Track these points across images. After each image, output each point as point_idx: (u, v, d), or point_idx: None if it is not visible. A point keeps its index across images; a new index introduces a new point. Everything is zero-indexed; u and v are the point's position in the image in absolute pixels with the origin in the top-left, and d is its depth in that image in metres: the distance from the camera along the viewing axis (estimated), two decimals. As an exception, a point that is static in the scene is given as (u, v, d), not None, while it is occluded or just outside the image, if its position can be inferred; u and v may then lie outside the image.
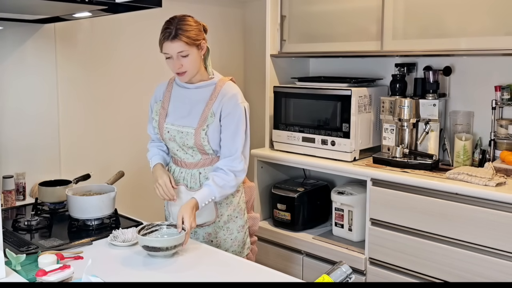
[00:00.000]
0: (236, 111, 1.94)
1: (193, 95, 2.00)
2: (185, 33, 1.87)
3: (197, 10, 3.34)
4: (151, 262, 1.69)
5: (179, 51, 1.88)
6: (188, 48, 1.88)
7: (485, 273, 2.17)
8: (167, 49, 1.90)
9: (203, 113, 1.95)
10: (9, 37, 2.50)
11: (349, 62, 3.16)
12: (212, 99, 1.96)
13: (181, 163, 2.04)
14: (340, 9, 2.82)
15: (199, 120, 1.95)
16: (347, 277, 1.29)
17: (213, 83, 2.00)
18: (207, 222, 2.03)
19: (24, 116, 2.60)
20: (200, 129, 1.93)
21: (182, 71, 1.92)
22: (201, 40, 1.93)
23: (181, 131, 1.97)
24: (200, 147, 1.96)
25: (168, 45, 1.89)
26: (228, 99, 1.94)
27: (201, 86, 2.00)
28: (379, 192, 2.49)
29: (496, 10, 2.30)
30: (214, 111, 1.94)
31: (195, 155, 2.00)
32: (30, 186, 2.60)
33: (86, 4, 1.74)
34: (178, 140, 1.99)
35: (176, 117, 2.01)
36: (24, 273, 1.56)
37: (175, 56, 1.90)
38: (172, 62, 1.92)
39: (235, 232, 2.07)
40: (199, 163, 2.00)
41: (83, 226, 2.07)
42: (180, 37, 1.86)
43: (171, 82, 2.11)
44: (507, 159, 2.41)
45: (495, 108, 2.51)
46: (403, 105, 2.63)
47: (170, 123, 2.01)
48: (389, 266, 2.49)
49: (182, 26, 1.88)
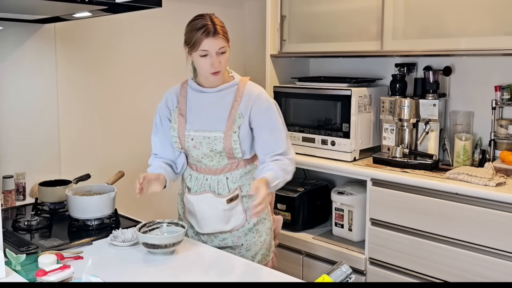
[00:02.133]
0: (269, 108, 1.91)
1: (215, 98, 1.92)
2: (224, 29, 1.85)
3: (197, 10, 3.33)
4: (151, 263, 1.69)
5: (220, 47, 1.83)
6: (226, 44, 1.86)
7: (485, 273, 2.17)
8: (207, 46, 1.81)
9: (230, 115, 1.87)
10: (9, 37, 2.50)
11: (349, 62, 3.16)
12: (237, 100, 1.89)
13: (207, 170, 1.94)
14: (340, 9, 2.82)
15: (227, 123, 1.86)
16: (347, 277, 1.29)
17: (234, 84, 1.93)
18: (236, 227, 1.95)
19: (24, 116, 2.59)
20: (230, 132, 1.86)
21: (218, 70, 1.85)
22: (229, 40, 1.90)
23: (208, 137, 1.88)
24: (230, 151, 1.88)
25: (210, 41, 1.81)
26: (256, 99, 1.89)
27: (223, 88, 1.92)
28: (379, 192, 2.49)
29: (496, 10, 2.30)
30: (241, 112, 1.87)
31: (222, 160, 1.91)
32: (30, 186, 2.60)
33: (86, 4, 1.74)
34: (205, 147, 1.89)
35: (200, 123, 1.91)
36: (24, 273, 1.56)
37: (214, 53, 1.82)
38: (208, 60, 1.83)
39: (264, 234, 2.00)
40: (225, 168, 1.92)
41: (83, 226, 2.07)
42: (221, 33, 1.83)
43: (184, 87, 2.01)
44: (507, 159, 2.41)
45: (495, 108, 2.51)
46: (403, 105, 2.63)
47: (193, 130, 1.91)
48: (389, 266, 2.49)
49: (218, 22, 1.85)
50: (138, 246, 1.81)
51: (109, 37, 2.90)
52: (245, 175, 1.95)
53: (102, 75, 2.90)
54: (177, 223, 1.85)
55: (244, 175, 1.95)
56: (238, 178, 1.94)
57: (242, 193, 1.94)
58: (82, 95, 2.82)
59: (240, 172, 1.94)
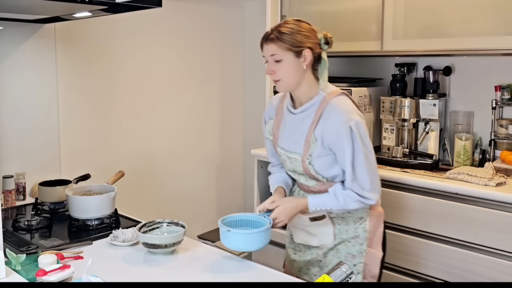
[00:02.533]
0: (341, 134, 1.67)
1: (299, 120, 1.79)
2: (282, 36, 1.68)
3: (197, 10, 3.34)
4: (151, 263, 1.69)
5: (271, 54, 1.71)
6: (281, 52, 1.69)
7: (485, 273, 2.17)
8: (264, 51, 1.74)
9: (306, 139, 1.74)
10: (9, 37, 2.50)
11: (349, 62, 3.16)
12: (314, 123, 1.73)
13: (300, 185, 1.89)
14: (340, 9, 2.82)
15: (304, 147, 1.75)
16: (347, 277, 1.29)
17: (317, 101, 1.75)
18: (324, 245, 1.85)
19: (24, 116, 2.59)
20: (305, 158, 1.75)
21: (275, 79, 1.74)
22: (303, 48, 1.71)
23: (290, 157, 1.81)
24: (310, 174, 1.78)
25: (264, 47, 1.73)
26: (330, 122, 1.70)
27: (304, 109, 1.78)
28: (379, 192, 2.49)
29: (496, 10, 2.31)
30: (316, 136, 1.72)
31: (309, 180, 1.82)
32: (30, 186, 2.60)
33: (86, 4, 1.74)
34: (289, 166, 1.84)
35: (285, 142, 1.83)
36: (24, 273, 1.56)
37: (270, 60, 1.73)
38: (267, 66, 1.75)
39: (342, 257, 1.82)
40: (315, 188, 1.82)
41: (83, 226, 2.07)
42: (274, 39, 1.69)
43: (283, 100, 1.90)
44: (507, 159, 2.41)
45: (495, 108, 2.51)
46: (403, 105, 2.63)
47: (280, 147, 1.86)
48: (389, 266, 2.48)
49: (282, 29, 1.70)
50: (138, 246, 1.81)
51: (109, 37, 2.90)
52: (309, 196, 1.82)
53: (102, 75, 2.90)
54: (177, 223, 1.85)
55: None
56: None
57: (332, 214, 1.81)
58: (82, 95, 2.82)
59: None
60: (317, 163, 1.73)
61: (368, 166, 1.72)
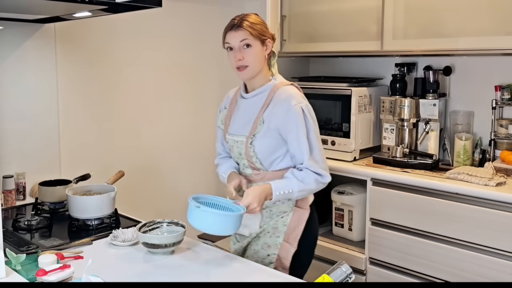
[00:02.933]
0: (290, 115, 1.78)
1: (249, 104, 1.90)
2: (251, 24, 1.82)
3: (197, 10, 3.34)
4: (151, 263, 1.69)
5: (241, 39, 1.80)
6: (252, 38, 1.81)
7: (485, 273, 2.17)
8: (230, 39, 1.82)
9: (255, 121, 1.84)
10: (9, 37, 2.50)
11: (349, 62, 3.16)
12: (264, 106, 1.84)
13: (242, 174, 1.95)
14: (340, 9, 2.82)
15: (251, 128, 1.84)
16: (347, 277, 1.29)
17: (268, 88, 1.87)
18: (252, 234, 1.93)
19: (24, 116, 2.59)
20: (249, 138, 1.83)
21: (243, 65, 1.82)
22: (266, 37, 1.85)
23: (236, 141, 1.89)
24: (249, 159, 1.86)
25: (231, 34, 1.82)
26: (280, 105, 1.81)
27: (256, 94, 1.89)
28: (379, 192, 2.49)
29: (496, 10, 2.30)
30: (264, 118, 1.82)
31: (246, 168, 1.90)
32: (30, 186, 2.60)
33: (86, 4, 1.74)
34: (235, 150, 1.91)
35: (234, 127, 1.93)
36: (24, 273, 1.56)
37: (237, 47, 1.81)
38: (232, 55, 1.83)
39: (259, 247, 1.92)
40: (250, 177, 1.90)
41: (83, 226, 2.07)
42: (244, 26, 1.81)
43: (238, 91, 2.01)
44: (507, 159, 2.41)
45: (495, 108, 2.51)
46: (403, 105, 2.63)
47: (229, 134, 1.94)
48: (389, 266, 2.49)
49: (248, 19, 1.84)
50: (138, 246, 1.81)
51: (109, 37, 2.90)
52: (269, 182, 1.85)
53: (102, 75, 2.90)
54: (177, 223, 1.86)
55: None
56: None
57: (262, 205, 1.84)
58: (82, 95, 2.82)
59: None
60: (259, 144, 1.81)
61: (320, 146, 1.85)
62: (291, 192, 1.79)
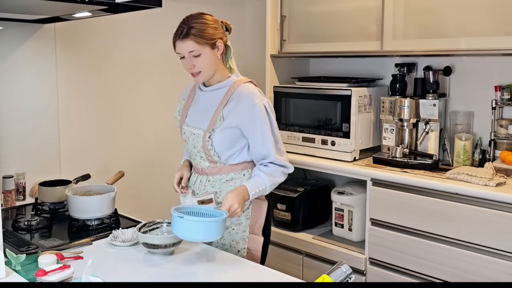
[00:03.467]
0: (255, 113, 1.84)
1: (208, 97, 1.94)
2: (197, 32, 1.81)
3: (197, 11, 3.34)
4: (151, 263, 1.69)
5: (190, 51, 1.82)
6: (199, 47, 1.82)
7: (485, 273, 2.17)
8: (179, 49, 1.85)
9: (213, 115, 1.88)
10: (9, 37, 2.50)
11: (349, 62, 3.16)
12: (224, 102, 1.88)
13: (194, 167, 2.02)
14: (340, 9, 2.82)
15: (209, 123, 1.88)
16: (347, 277, 1.29)
17: (228, 83, 1.92)
18: None
19: (24, 116, 2.59)
20: (207, 132, 1.87)
21: (195, 72, 1.86)
22: (216, 39, 1.86)
23: (194, 133, 1.93)
24: (207, 152, 1.90)
25: (179, 44, 1.83)
26: (243, 104, 1.85)
27: (217, 88, 1.93)
28: (379, 192, 2.49)
29: (496, 10, 2.31)
30: (224, 115, 1.86)
31: (203, 161, 1.94)
32: (30, 186, 2.60)
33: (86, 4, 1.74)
34: (191, 142, 1.96)
35: (192, 119, 1.97)
36: (24, 273, 1.56)
37: (187, 56, 1.84)
38: (185, 62, 1.86)
39: (227, 244, 1.95)
40: (207, 170, 1.94)
41: (83, 226, 2.07)
42: (190, 36, 1.80)
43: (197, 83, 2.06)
44: (507, 159, 2.41)
45: (495, 108, 2.51)
46: (403, 105, 2.63)
47: (186, 124, 1.98)
48: (389, 266, 2.49)
49: (194, 25, 1.82)
50: (138, 246, 1.81)
51: (109, 37, 2.90)
52: (226, 182, 1.92)
53: (102, 75, 2.90)
54: None
55: (225, 182, 1.92)
56: (218, 184, 1.93)
57: (218, 199, 1.93)
58: (82, 95, 2.82)
59: (221, 178, 1.92)
60: (217, 139, 1.86)
61: (280, 142, 1.93)
62: (264, 188, 1.86)
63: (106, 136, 2.94)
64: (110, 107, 2.94)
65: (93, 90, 2.86)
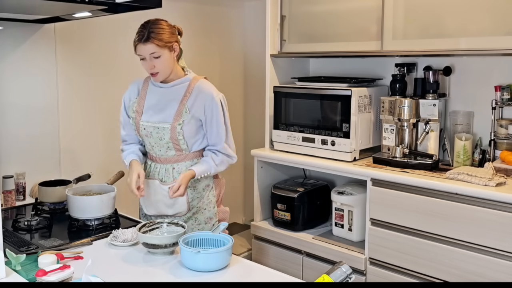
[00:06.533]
0: (213, 105, 2.08)
1: (168, 93, 2.12)
2: (157, 36, 1.99)
3: (197, 11, 3.35)
4: (151, 263, 1.69)
5: (151, 53, 2.00)
6: (159, 50, 2.00)
7: (485, 273, 2.17)
8: (140, 51, 2.02)
9: (178, 109, 2.07)
10: (9, 37, 2.50)
11: (349, 62, 3.17)
12: (186, 95, 2.09)
13: (156, 158, 2.15)
14: (340, 9, 2.82)
15: (174, 115, 2.06)
16: (347, 277, 1.29)
17: (187, 80, 2.12)
18: (179, 213, 2.15)
19: (24, 116, 2.60)
20: (175, 124, 2.05)
21: (155, 72, 2.04)
22: (173, 43, 2.05)
23: (157, 127, 2.08)
24: (176, 142, 2.08)
25: (141, 47, 2.01)
26: (204, 96, 2.08)
27: (176, 84, 2.12)
28: (379, 192, 2.49)
29: (496, 10, 2.31)
30: (188, 107, 2.07)
31: (170, 150, 2.11)
32: (30, 186, 2.60)
33: (86, 4, 1.75)
34: (155, 136, 2.10)
35: (152, 114, 2.11)
36: (24, 273, 1.56)
37: (148, 58, 2.02)
38: (145, 63, 2.04)
39: (203, 223, 2.20)
40: (172, 158, 2.13)
41: (83, 226, 2.07)
42: (152, 39, 1.98)
43: (147, 81, 2.20)
44: (507, 159, 2.41)
45: (495, 108, 2.51)
46: (403, 105, 2.63)
47: (146, 121, 2.11)
48: (389, 266, 2.49)
49: (154, 29, 2.00)
50: (138, 246, 1.82)
51: (109, 37, 2.90)
52: (191, 167, 2.11)
53: (102, 75, 2.90)
54: (177, 223, 1.86)
55: (190, 167, 2.11)
56: (184, 170, 2.11)
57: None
58: (82, 95, 2.82)
59: (187, 164, 2.13)
60: (187, 130, 2.06)
61: (231, 133, 2.18)
62: (210, 173, 2.13)
63: (106, 136, 2.94)
64: (110, 107, 2.94)
65: (93, 90, 2.87)
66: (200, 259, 1.61)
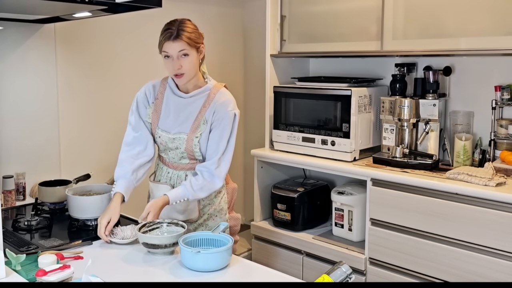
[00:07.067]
0: (224, 117, 1.99)
1: (188, 104, 2.04)
2: (187, 34, 1.92)
3: (197, 11, 3.34)
4: (151, 263, 1.69)
5: (180, 50, 1.91)
6: (189, 48, 1.93)
7: (485, 273, 2.17)
8: (168, 48, 1.93)
9: (196, 120, 2.00)
10: (9, 37, 2.50)
11: (349, 62, 3.16)
12: (206, 106, 2.01)
13: (169, 164, 2.10)
14: (340, 9, 2.82)
15: (192, 126, 2.00)
16: (347, 277, 1.29)
17: (207, 89, 2.04)
18: (190, 219, 2.09)
19: (24, 116, 2.60)
20: (192, 136, 1.99)
21: (181, 73, 1.95)
22: (200, 44, 1.99)
23: (174, 138, 2.02)
24: (191, 153, 2.02)
25: (170, 44, 1.92)
26: (219, 106, 2.00)
27: (195, 94, 2.04)
28: (379, 192, 2.49)
29: (496, 10, 2.31)
30: (206, 118, 2.00)
31: (184, 159, 2.06)
32: (30, 186, 2.60)
33: (86, 4, 1.75)
34: (170, 145, 2.04)
35: (170, 125, 2.04)
36: (24, 273, 1.56)
37: (175, 56, 1.93)
38: (171, 63, 1.94)
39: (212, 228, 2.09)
40: (186, 166, 2.06)
41: (83, 226, 2.07)
42: (182, 37, 1.91)
43: (164, 85, 2.12)
44: (507, 159, 2.41)
45: (495, 108, 2.51)
46: (403, 105, 2.63)
47: (161, 130, 2.05)
48: (389, 266, 2.49)
49: (184, 28, 1.93)
50: (138, 246, 1.81)
51: (109, 37, 2.90)
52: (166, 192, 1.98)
53: (102, 75, 2.90)
54: (177, 223, 1.86)
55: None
56: None
57: None
58: (82, 95, 2.82)
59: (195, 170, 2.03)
60: (203, 141, 2.00)
61: (231, 154, 2.03)
62: (187, 199, 1.97)
63: (106, 136, 2.94)
64: (110, 107, 2.94)
65: (93, 90, 2.87)
66: (200, 259, 1.61)
